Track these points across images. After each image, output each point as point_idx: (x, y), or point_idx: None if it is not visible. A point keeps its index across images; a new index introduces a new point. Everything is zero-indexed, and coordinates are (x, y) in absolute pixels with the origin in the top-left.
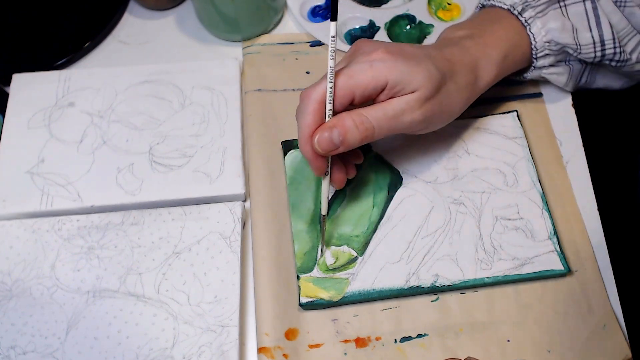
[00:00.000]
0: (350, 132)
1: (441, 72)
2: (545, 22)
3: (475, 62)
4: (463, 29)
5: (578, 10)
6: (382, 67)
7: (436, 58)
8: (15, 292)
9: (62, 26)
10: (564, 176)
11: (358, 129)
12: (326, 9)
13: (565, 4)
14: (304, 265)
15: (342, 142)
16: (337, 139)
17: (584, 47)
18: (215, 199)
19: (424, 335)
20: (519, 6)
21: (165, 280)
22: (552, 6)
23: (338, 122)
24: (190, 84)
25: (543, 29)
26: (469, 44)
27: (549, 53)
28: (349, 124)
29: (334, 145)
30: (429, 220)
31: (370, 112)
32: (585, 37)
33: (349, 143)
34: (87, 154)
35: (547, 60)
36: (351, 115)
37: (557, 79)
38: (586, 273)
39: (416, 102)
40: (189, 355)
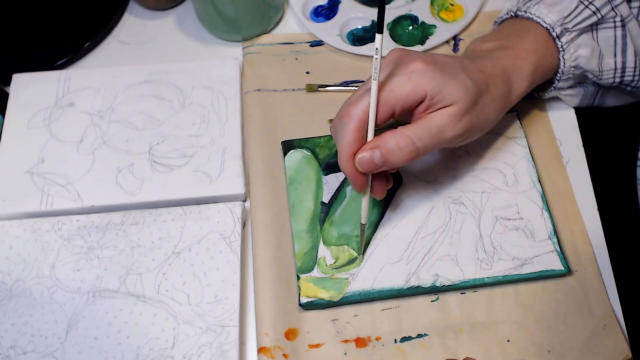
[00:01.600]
0: (392, 153)
1: (476, 84)
2: (577, 47)
3: (507, 73)
4: (491, 40)
5: (607, 36)
6: (421, 78)
7: (470, 70)
8: (15, 292)
9: (62, 26)
10: (564, 176)
11: (402, 151)
12: (328, 9)
13: (597, 28)
14: (304, 265)
15: (385, 163)
16: (378, 160)
17: (605, 72)
18: (215, 199)
19: (424, 335)
20: (557, 28)
21: (165, 280)
22: (585, 30)
23: (381, 143)
24: (190, 84)
25: (574, 55)
26: (499, 55)
27: (570, 77)
28: (392, 145)
29: (376, 165)
30: (429, 220)
31: (414, 131)
32: (608, 63)
33: (392, 164)
34: (87, 154)
35: (567, 82)
36: (395, 137)
37: (570, 100)
38: (586, 273)
39: (456, 116)
40: (189, 355)
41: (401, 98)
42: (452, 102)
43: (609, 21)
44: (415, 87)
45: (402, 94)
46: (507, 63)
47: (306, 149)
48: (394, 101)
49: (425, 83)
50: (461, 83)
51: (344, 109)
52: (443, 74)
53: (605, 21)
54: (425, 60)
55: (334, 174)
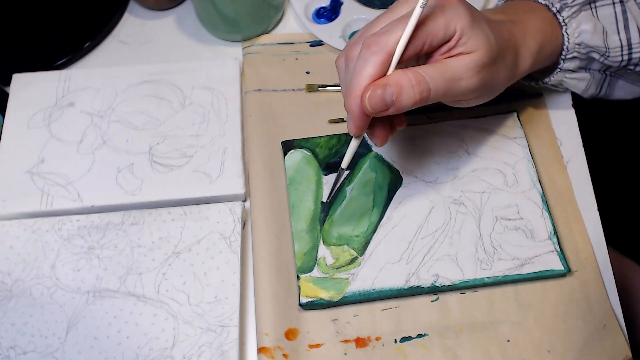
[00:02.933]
0: (405, 91)
1: (497, 41)
2: (579, 23)
3: (517, 46)
4: (500, 13)
5: (607, 13)
6: (454, 14)
7: (493, 27)
8: (15, 292)
9: (62, 26)
10: (564, 176)
11: (414, 89)
12: (331, 11)
13: (596, 6)
14: (304, 265)
15: (395, 102)
16: (389, 98)
17: (612, 50)
18: (215, 199)
19: (424, 335)
20: (556, 3)
21: (165, 280)
22: (584, 7)
23: (392, 79)
24: (190, 84)
25: (577, 30)
26: (511, 27)
27: (576, 56)
28: (405, 83)
29: (386, 105)
30: (429, 220)
31: (428, 72)
32: (613, 40)
33: (402, 104)
34: (87, 154)
35: (572, 63)
36: (407, 74)
37: (576, 85)
38: (586, 273)
39: (475, 66)
40: (189, 355)
41: (433, 32)
42: (475, 49)
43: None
44: (448, 22)
45: (434, 28)
46: (518, 36)
47: (306, 149)
48: (426, 35)
49: (456, 20)
50: (486, 33)
51: (374, 37)
52: (473, 17)
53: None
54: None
55: (334, 174)
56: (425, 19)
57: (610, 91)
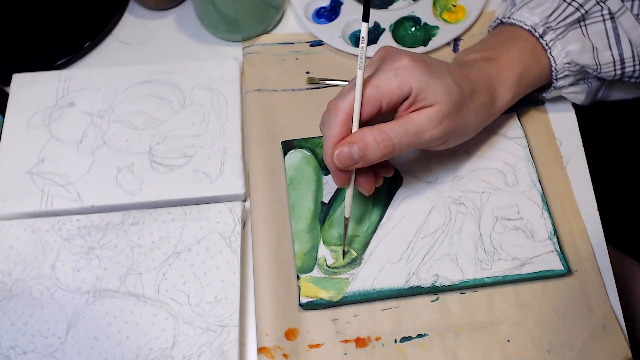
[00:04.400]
0: (370, 148)
1: (461, 88)
2: (565, 44)
3: (491, 84)
4: (477, 51)
5: (598, 30)
6: (407, 74)
7: (456, 74)
8: (15, 292)
9: (62, 26)
10: (564, 176)
11: (379, 146)
12: (331, 11)
13: (586, 24)
14: (304, 265)
15: (362, 158)
16: (356, 154)
17: (604, 66)
18: (215, 199)
19: (424, 335)
20: (539, 28)
21: (165, 280)
22: (572, 27)
23: (359, 137)
24: (190, 84)
25: (563, 51)
26: (484, 65)
27: (568, 74)
28: (370, 140)
29: (353, 160)
30: (429, 220)
31: (392, 128)
32: (605, 57)
33: (369, 159)
34: (87, 154)
35: (566, 80)
36: (372, 132)
37: (575, 97)
38: (586, 273)
39: (437, 117)
40: (189, 355)
41: (388, 93)
42: (435, 102)
43: (596, 15)
44: (402, 83)
45: (388, 89)
46: (492, 73)
47: (306, 149)
48: (381, 96)
49: (411, 79)
50: (445, 84)
51: (332, 102)
52: (429, 72)
53: (591, 16)
54: (413, 57)
55: None
56: (380, 81)
57: (608, 94)
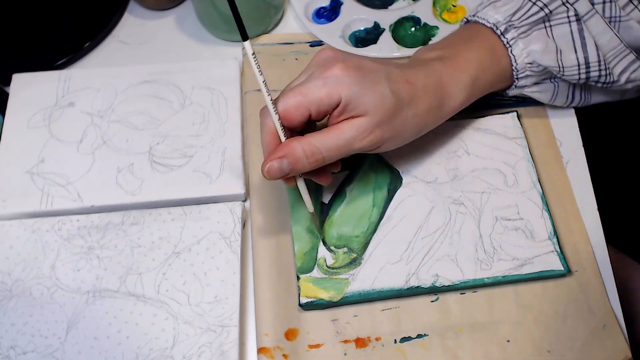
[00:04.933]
0: (300, 161)
1: (397, 96)
2: (527, 43)
3: (441, 85)
4: (435, 49)
5: (563, 32)
6: (336, 84)
7: (395, 80)
8: (15, 292)
9: (62, 26)
10: (564, 176)
11: (308, 159)
12: (331, 11)
13: (551, 25)
14: (304, 265)
15: (292, 171)
16: (286, 168)
17: (568, 69)
18: (215, 199)
19: (424, 335)
20: (501, 25)
21: (165, 280)
22: (537, 27)
23: (289, 151)
24: (190, 84)
25: (525, 50)
26: (437, 66)
27: (530, 74)
28: (299, 154)
29: (284, 172)
30: (429, 221)
31: (321, 140)
32: (569, 59)
33: (298, 171)
34: (87, 154)
35: (528, 80)
36: (302, 145)
37: (540, 97)
38: (586, 273)
39: (366, 128)
40: (189, 355)
41: (315, 102)
42: (365, 112)
43: (561, 16)
44: (330, 93)
45: (316, 97)
46: (443, 75)
47: None
48: (308, 104)
49: (340, 89)
50: (378, 94)
51: (262, 110)
52: (361, 82)
53: (556, 17)
54: (346, 64)
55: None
56: (308, 89)
57: (588, 98)
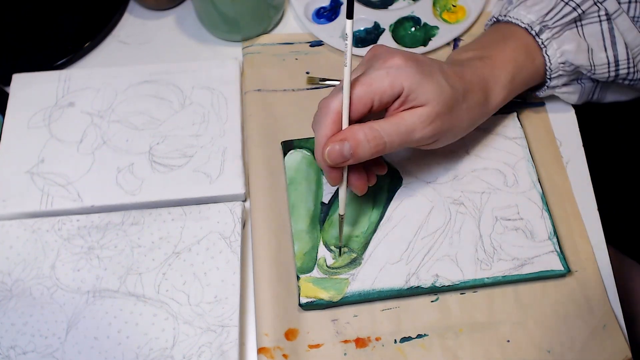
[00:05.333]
0: (361, 145)
1: (453, 88)
2: (560, 43)
3: (485, 82)
4: (471, 50)
5: (594, 30)
6: (399, 73)
7: (448, 74)
8: (15, 292)
9: (62, 26)
10: (564, 176)
11: (369, 144)
12: (331, 11)
13: (582, 24)
14: (304, 265)
15: (353, 155)
16: (347, 152)
17: (599, 67)
18: (215, 199)
19: (424, 335)
20: (536, 26)
21: (165, 280)
22: (568, 26)
23: (350, 134)
24: (190, 84)
25: (558, 51)
26: (478, 64)
27: (562, 74)
28: (361, 137)
29: (344, 158)
30: (429, 221)
31: (383, 126)
32: (600, 58)
33: (360, 156)
34: (87, 154)
35: (560, 80)
36: (364, 129)
37: (568, 97)
38: (586, 273)
39: (427, 117)
40: (189, 355)
41: (379, 92)
42: (426, 102)
43: (593, 16)
44: (393, 82)
45: (380, 87)
46: (485, 72)
47: (306, 149)
48: (372, 95)
49: (402, 78)
50: (437, 84)
51: (323, 101)
52: (421, 72)
53: (588, 16)
54: (405, 56)
55: None
56: (372, 80)
57: (603, 96)
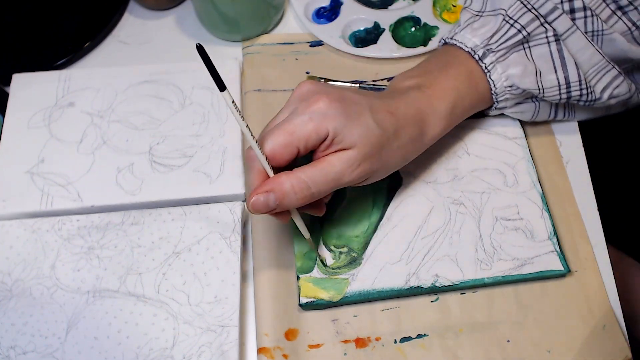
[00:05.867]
0: (287, 196)
1: (381, 128)
2: (506, 67)
3: (421, 115)
4: (412, 77)
5: (542, 52)
6: (322, 118)
7: (379, 111)
8: (15, 292)
9: (62, 26)
10: (564, 176)
11: (296, 195)
12: (331, 11)
13: (530, 46)
14: (303, 265)
15: (279, 206)
16: (272, 202)
17: (548, 90)
18: (215, 199)
19: (424, 335)
20: (479, 50)
21: (165, 280)
22: (515, 49)
23: (276, 185)
24: (190, 84)
25: (504, 75)
26: (415, 94)
27: (510, 97)
28: (287, 188)
29: (269, 208)
30: (429, 221)
31: (310, 175)
32: (549, 80)
33: (286, 206)
34: (87, 154)
35: (508, 102)
36: (290, 180)
37: (521, 116)
38: (586, 273)
39: (355, 161)
40: (189, 355)
41: (303, 138)
42: (352, 144)
43: (540, 37)
44: (318, 127)
45: (304, 134)
46: (422, 104)
47: None
48: (297, 142)
49: (326, 122)
50: (364, 126)
51: (247, 151)
52: (346, 114)
53: (534, 38)
54: (329, 97)
55: None
56: (295, 127)
57: (572, 114)
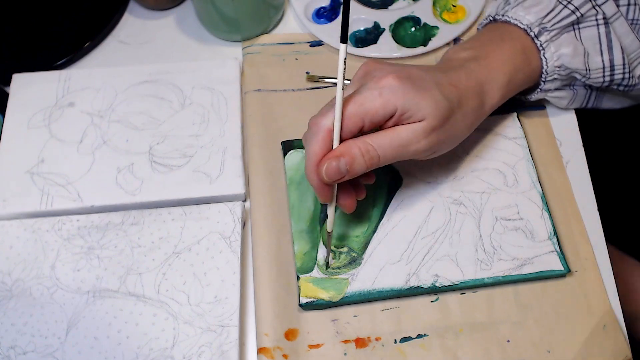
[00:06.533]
0: (357, 160)
1: (448, 100)
2: (558, 46)
3: (480, 86)
4: (467, 49)
5: (591, 34)
6: (392, 94)
7: (443, 85)
8: (15, 292)
9: (62, 26)
10: (564, 176)
11: (364, 158)
12: (331, 11)
13: (580, 27)
14: (303, 265)
15: (349, 171)
16: (343, 167)
17: (594, 71)
18: (215, 199)
19: (424, 335)
20: (535, 27)
21: (165, 280)
22: (566, 29)
23: (345, 150)
24: (190, 84)
25: (556, 54)
26: (473, 66)
27: (557, 77)
28: (356, 152)
29: (341, 174)
30: (429, 221)
31: (377, 141)
32: (595, 62)
33: (355, 171)
34: (87, 154)
35: (553, 84)
36: (357, 144)
37: (558, 102)
38: (586, 273)
39: (422, 132)
40: (189, 355)
41: (371, 112)
42: (422, 118)
43: (590, 19)
44: (386, 103)
45: (372, 108)
46: (481, 75)
47: None
48: (364, 115)
49: (395, 99)
50: (432, 99)
51: (313, 120)
52: (414, 89)
53: (586, 19)
54: (398, 75)
55: None
56: (364, 99)
57: (599, 103)
